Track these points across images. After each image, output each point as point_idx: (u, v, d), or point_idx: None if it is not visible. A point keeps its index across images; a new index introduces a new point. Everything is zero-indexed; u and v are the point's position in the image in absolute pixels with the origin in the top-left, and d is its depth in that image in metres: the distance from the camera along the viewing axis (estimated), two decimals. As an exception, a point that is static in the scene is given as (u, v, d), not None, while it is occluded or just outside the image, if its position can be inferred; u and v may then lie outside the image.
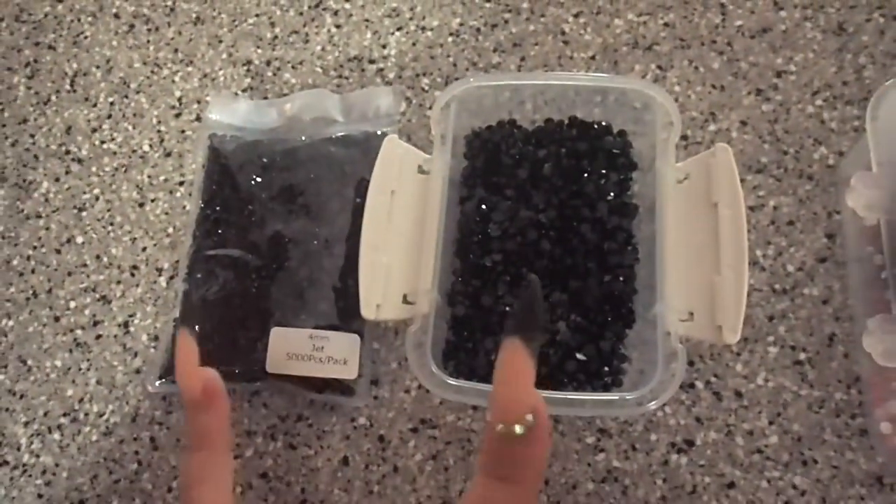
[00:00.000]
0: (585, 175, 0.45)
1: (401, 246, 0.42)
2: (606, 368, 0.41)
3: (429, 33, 0.53)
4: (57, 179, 0.51)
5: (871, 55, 0.48)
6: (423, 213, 0.43)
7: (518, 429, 0.25)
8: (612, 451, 0.40)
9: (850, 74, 0.48)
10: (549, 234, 0.44)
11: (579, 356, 0.41)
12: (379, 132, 0.48)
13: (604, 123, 0.46)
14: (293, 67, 0.53)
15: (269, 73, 0.53)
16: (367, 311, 0.40)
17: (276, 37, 0.54)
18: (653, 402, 0.36)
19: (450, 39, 0.53)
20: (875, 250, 0.42)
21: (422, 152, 0.44)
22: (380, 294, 0.40)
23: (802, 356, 0.41)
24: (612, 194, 0.44)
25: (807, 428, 0.40)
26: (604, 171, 0.45)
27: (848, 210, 0.41)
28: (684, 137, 0.48)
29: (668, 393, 0.36)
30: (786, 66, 0.48)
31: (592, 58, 0.51)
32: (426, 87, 0.51)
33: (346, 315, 0.43)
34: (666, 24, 0.51)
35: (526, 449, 0.26)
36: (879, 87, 0.39)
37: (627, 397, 0.37)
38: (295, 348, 0.41)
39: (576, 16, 0.52)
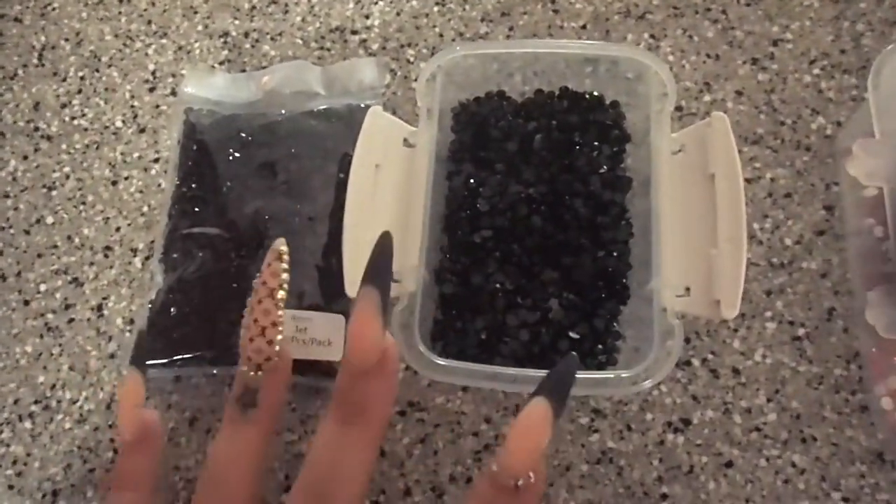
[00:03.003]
0: (577, 148, 0.43)
1: (386, 222, 0.40)
2: (600, 346, 0.40)
3: (413, 3, 0.51)
4: (25, 157, 0.49)
5: (869, 22, 0.46)
6: (409, 188, 0.41)
7: (519, 481, 0.26)
8: (607, 432, 0.39)
9: (848, 43, 0.46)
10: (540, 210, 0.42)
11: (572, 334, 0.40)
12: (362, 105, 0.47)
13: (596, 94, 0.45)
14: (272, 39, 0.51)
15: (248, 46, 0.51)
16: (352, 289, 0.38)
17: (254, 7, 0.52)
18: (648, 381, 0.35)
19: (435, 9, 0.51)
20: (875, 222, 0.41)
21: (407, 125, 0.42)
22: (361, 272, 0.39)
23: (801, 331, 0.40)
24: (604, 167, 0.43)
25: (806, 405, 0.39)
26: (596, 144, 0.43)
27: (847, 181, 0.40)
28: (679, 108, 0.46)
29: (664, 371, 0.35)
30: (782, 35, 0.47)
31: (583, 27, 0.49)
32: (411, 59, 0.49)
33: (330, 295, 0.41)
34: (659, -8, 0.49)
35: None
36: (877, 55, 0.38)
37: (622, 376, 0.36)
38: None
39: (565, -16, 0.50)
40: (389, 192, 0.41)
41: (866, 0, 0.47)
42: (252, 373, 0.31)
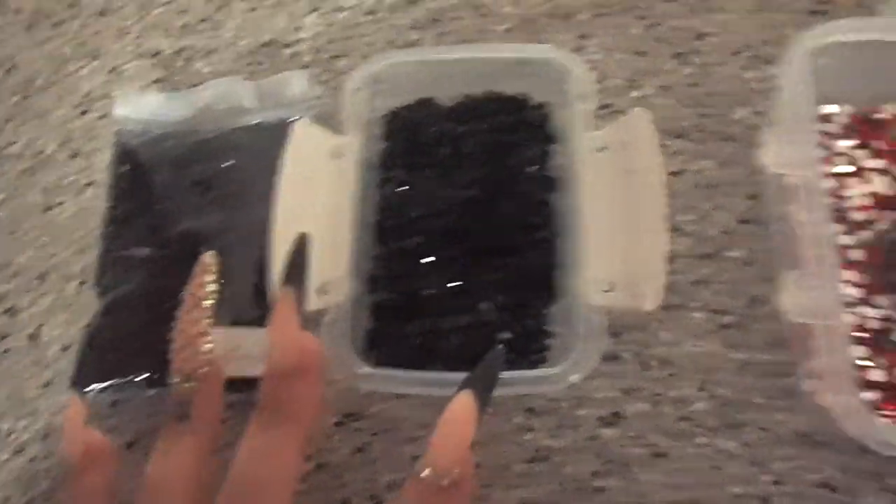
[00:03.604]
0: (507, 150, 0.44)
1: (316, 235, 0.41)
2: (533, 346, 0.40)
3: (345, 13, 0.52)
4: (-42, 186, 0.49)
5: (791, 11, 0.47)
6: (339, 198, 0.41)
7: (444, 480, 0.26)
8: (541, 430, 0.40)
9: (770, 33, 0.47)
10: (472, 212, 0.43)
11: (504, 335, 0.40)
12: (294, 118, 0.47)
13: (523, 96, 0.45)
14: (204, 56, 0.51)
15: (180, 64, 0.51)
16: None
17: (185, 25, 0.52)
18: (573, 377, 0.36)
19: (366, 18, 0.51)
20: (797, 209, 0.42)
21: (337, 136, 0.43)
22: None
23: (728, 319, 0.41)
24: (534, 168, 0.43)
25: (734, 392, 0.39)
26: (525, 145, 0.44)
27: (769, 169, 0.41)
28: (607, 106, 0.47)
29: (589, 366, 0.35)
30: (706, 28, 0.48)
31: (511, 30, 0.49)
32: (344, 70, 0.50)
33: (266, 310, 0.41)
34: (585, -9, 0.50)
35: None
36: (796, 43, 0.39)
37: (549, 373, 0.36)
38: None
39: (493, -13, 0.51)
40: (319, 204, 0.41)
41: (785, -9, 0.48)
42: (183, 384, 0.30)
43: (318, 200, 0.41)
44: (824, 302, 0.32)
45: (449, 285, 0.41)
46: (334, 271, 0.39)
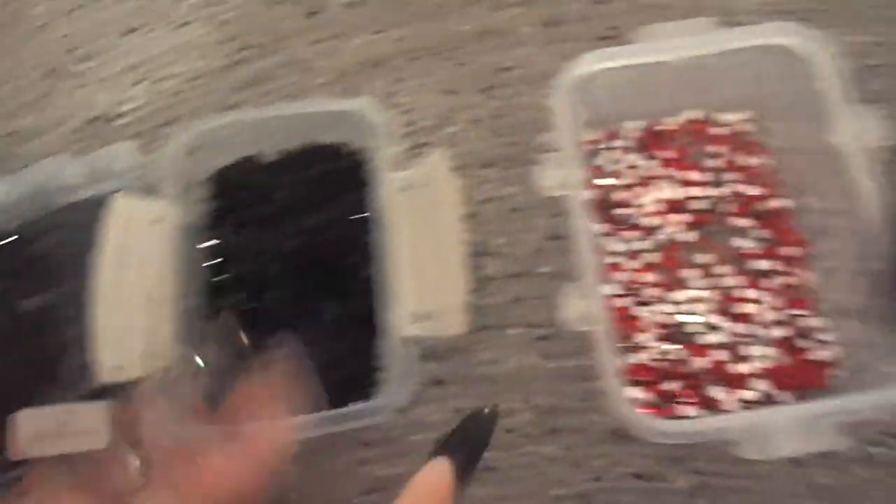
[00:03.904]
0: (326, 197, 0.46)
1: (141, 303, 0.42)
2: (364, 381, 0.42)
3: (170, 82, 0.53)
4: None
5: (578, 40, 0.51)
6: (162, 265, 0.43)
7: None
8: (377, 461, 0.42)
9: (563, 62, 0.51)
10: (297, 262, 0.45)
11: (334, 375, 0.42)
12: (120, 190, 0.48)
13: (339, 144, 0.48)
14: (34, 137, 0.52)
15: (9, 147, 0.52)
16: (107, 374, 0.39)
17: (15, 107, 0.53)
18: (391, 406, 0.37)
19: (190, 85, 0.53)
20: (594, 222, 0.46)
21: (158, 203, 0.44)
22: (120, 356, 0.40)
23: (542, 332, 0.43)
24: (351, 212, 0.46)
25: (552, 399, 0.42)
26: (342, 191, 0.46)
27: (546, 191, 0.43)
28: (423, 144, 0.49)
29: (405, 394, 0.37)
30: (506, 63, 0.51)
31: (330, 82, 0.52)
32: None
33: (94, 384, 0.42)
34: (397, 39, 0.53)
35: None
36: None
37: (367, 406, 0.38)
38: (42, 428, 0.40)
39: (312, 44, 0.53)
40: (142, 272, 0.42)
41: (574, 22, 0.52)
42: None
43: (141, 269, 0.42)
44: (594, 310, 0.35)
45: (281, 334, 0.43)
46: (159, 337, 0.40)
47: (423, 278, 0.41)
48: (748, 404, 0.40)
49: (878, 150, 0.43)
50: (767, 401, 0.40)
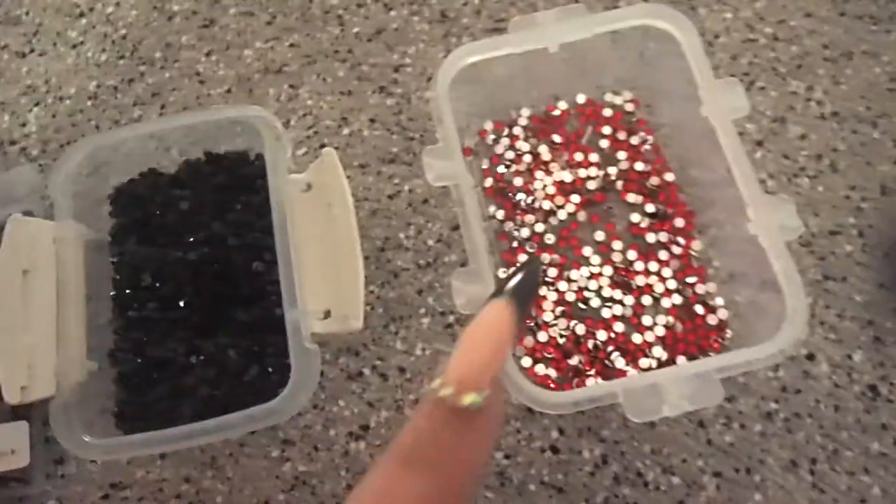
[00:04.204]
0: (229, 204, 0.47)
1: (46, 322, 0.42)
2: (276, 380, 0.43)
3: (67, 102, 0.53)
4: None
5: (472, 34, 0.53)
6: (65, 283, 0.43)
7: (467, 400, 0.20)
8: (297, 458, 0.42)
9: (457, 55, 0.52)
10: (204, 270, 0.45)
11: (247, 378, 0.43)
12: (22, 213, 0.48)
13: (239, 152, 0.48)
14: (-70, 167, 0.51)
15: None
16: (12, 395, 0.39)
17: None
18: (296, 402, 0.38)
19: (89, 103, 0.53)
20: (496, 208, 0.47)
21: (63, 221, 0.44)
22: (25, 376, 0.40)
23: (451, 318, 0.45)
24: (254, 217, 0.46)
25: (463, 383, 0.43)
26: (245, 197, 0.47)
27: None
28: (324, 146, 0.50)
29: (309, 390, 0.38)
30: (402, 61, 0.52)
31: (229, 91, 0.52)
32: (74, 156, 0.51)
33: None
34: (292, 45, 0.53)
35: (461, 430, 0.21)
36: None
37: (271, 407, 0.38)
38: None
39: (208, 54, 0.54)
40: (45, 292, 0.42)
41: (467, 15, 0.53)
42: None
43: (43, 288, 0.42)
44: (482, 294, 0.37)
45: (189, 344, 0.44)
46: (67, 353, 0.40)
47: (323, 277, 0.42)
48: (648, 371, 0.42)
49: (743, 120, 0.46)
50: (666, 366, 0.43)
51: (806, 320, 0.35)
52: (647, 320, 0.44)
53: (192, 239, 0.46)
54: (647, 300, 0.45)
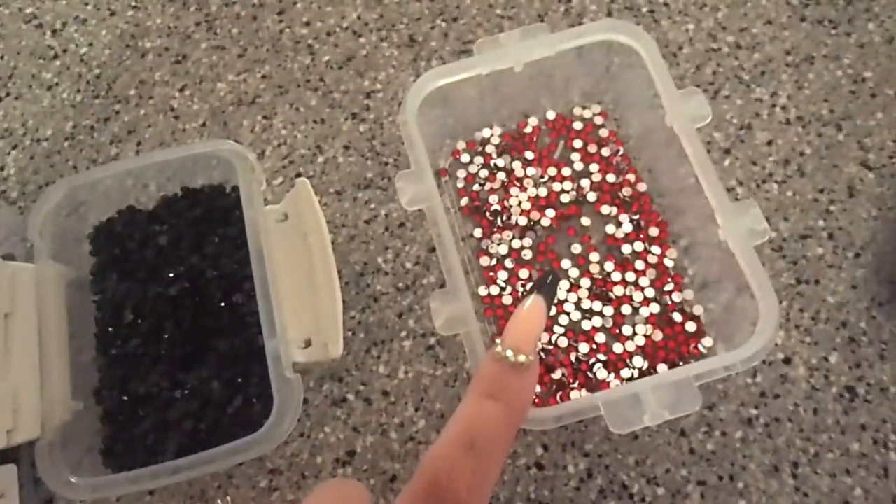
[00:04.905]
0: (206, 238, 0.47)
1: (29, 364, 0.42)
2: (260, 410, 0.43)
3: (45, 143, 0.54)
4: None
5: (441, 58, 0.53)
6: (46, 325, 0.43)
7: (521, 358, 0.29)
8: (285, 487, 0.42)
9: (427, 78, 0.53)
10: (184, 304, 0.45)
11: (231, 409, 0.43)
12: (4, 256, 0.48)
13: (215, 186, 0.49)
14: None
15: None
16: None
17: None
18: (279, 435, 0.38)
19: (66, 144, 0.53)
20: (473, 226, 0.48)
21: (44, 262, 0.44)
22: (10, 419, 0.40)
23: (432, 340, 0.45)
24: (232, 249, 0.46)
25: (446, 403, 0.44)
26: (222, 230, 0.47)
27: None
28: (299, 174, 0.51)
29: (292, 419, 0.38)
30: (373, 87, 0.53)
31: (203, 125, 0.53)
32: (53, 197, 0.51)
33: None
34: (264, 76, 0.54)
35: (518, 378, 0.30)
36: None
37: (256, 438, 0.38)
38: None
39: (181, 90, 0.54)
40: (26, 335, 0.43)
41: (434, 39, 0.54)
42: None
43: (25, 331, 0.43)
44: (461, 314, 0.37)
45: (172, 378, 0.44)
46: (51, 394, 0.41)
47: (302, 306, 0.42)
48: (627, 382, 0.43)
49: (710, 129, 0.47)
50: (647, 375, 0.43)
51: (777, 323, 0.36)
52: (626, 330, 0.45)
53: (171, 274, 0.46)
54: (626, 310, 0.45)
